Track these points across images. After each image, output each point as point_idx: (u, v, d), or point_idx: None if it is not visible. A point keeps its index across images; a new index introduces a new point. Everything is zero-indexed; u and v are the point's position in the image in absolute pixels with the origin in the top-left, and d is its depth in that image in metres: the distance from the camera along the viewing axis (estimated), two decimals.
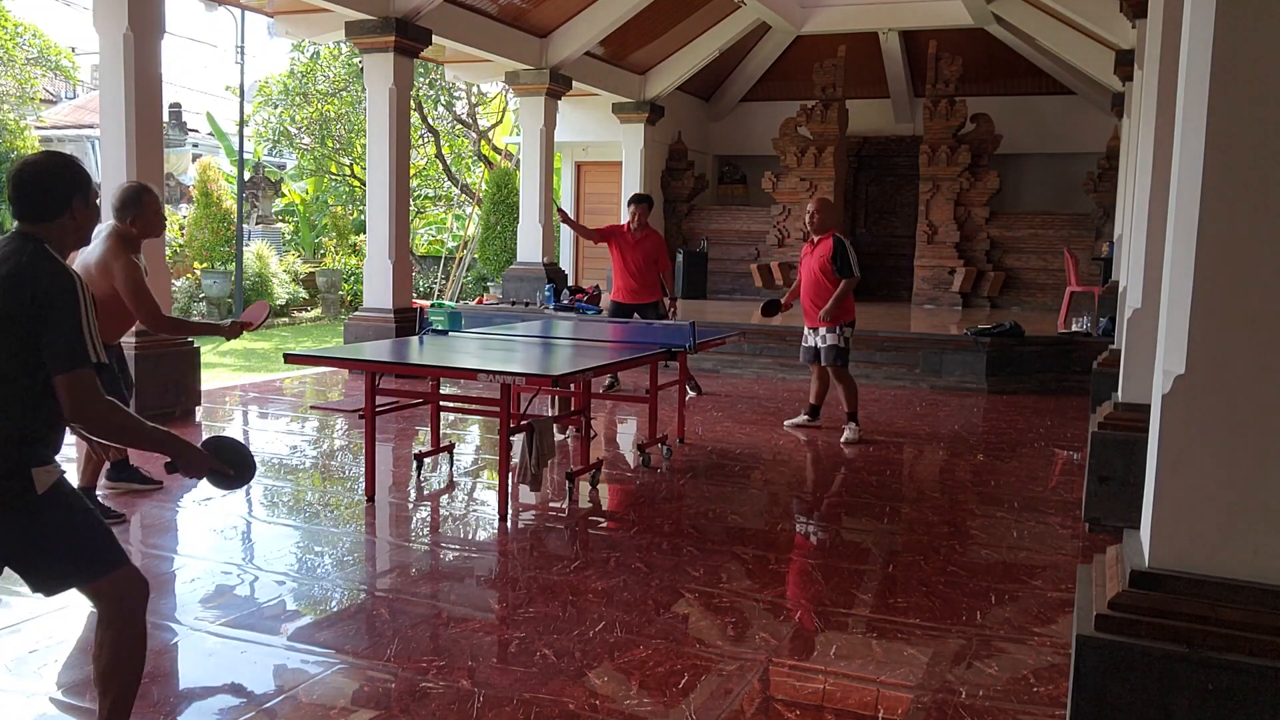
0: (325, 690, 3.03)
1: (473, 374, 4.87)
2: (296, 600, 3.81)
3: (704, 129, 16.55)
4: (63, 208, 2.36)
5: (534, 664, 3.17)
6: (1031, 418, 7.92)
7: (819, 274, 6.66)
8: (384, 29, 9.31)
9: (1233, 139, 2.19)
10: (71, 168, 2.40)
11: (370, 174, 9.96)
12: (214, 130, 22.35)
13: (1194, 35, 2.25)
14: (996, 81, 14.44)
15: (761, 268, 14.30)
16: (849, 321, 6.77)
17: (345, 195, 21.45)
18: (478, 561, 4.38)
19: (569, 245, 16.06)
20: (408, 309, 9.73)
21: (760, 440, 6.80)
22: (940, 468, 6.38)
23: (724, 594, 3.87)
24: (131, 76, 6.78)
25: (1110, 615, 2.28)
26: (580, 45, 12.08)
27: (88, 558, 2.36)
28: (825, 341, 6.71)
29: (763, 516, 5.10)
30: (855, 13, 13.33)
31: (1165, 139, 4.36)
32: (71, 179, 2.39)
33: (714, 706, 2.93)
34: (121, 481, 5.11)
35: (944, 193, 13.32)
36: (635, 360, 5.59)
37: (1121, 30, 9.35)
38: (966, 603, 3.80)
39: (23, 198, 2.34)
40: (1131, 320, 4.79)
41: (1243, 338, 2.21)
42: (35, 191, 2.35)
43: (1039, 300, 13.22)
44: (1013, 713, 2.90)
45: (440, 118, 21.00)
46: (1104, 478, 4.58)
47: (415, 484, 5.57)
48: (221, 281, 17.59)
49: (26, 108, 21.36)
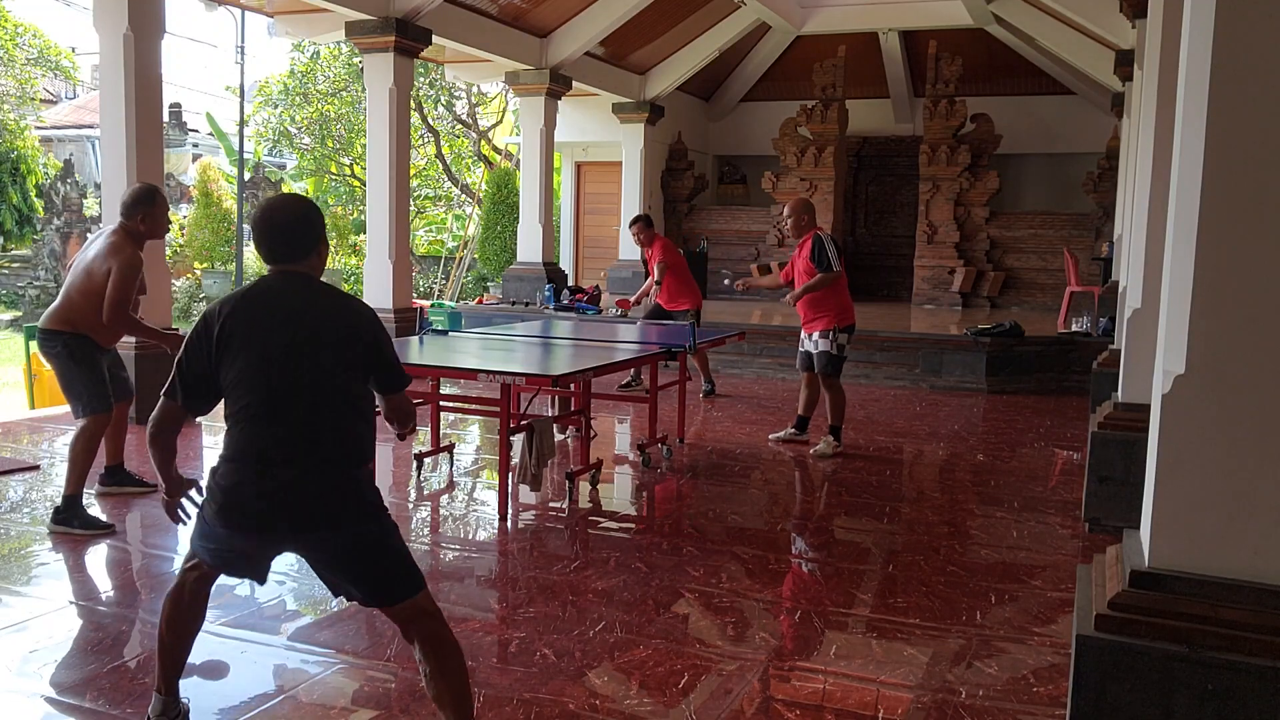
0: (325, 690, 3.03)
1: (473, 374, 4.87)
2: (296, 600, 3.81)
3: (704, 129, 16.55)
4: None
5: (534, 664, 3.17)
6: (1031, 418, 7.92)
7: (805, 276, 6.31)
8: (384, 29, 9.30)
9: (1233, 139, 2.19)
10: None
11: (370, 174, 9.96)
12: (214, 130, 22.37)
13: (1194, 35, 2.25)
14: (996, 81, 14.44)
15: (760, 268, 14.28)
16: (845, 326, 6.32)
17: (345, 195, 21.46)
18: (478, 561, 4.38)
19: (569, 245, 16.06)
20: (408, 309, 9.73)
21: (760, 440, 6.80)
22: (940, 468, 6.38)
23: (724, 594, 3.87)
24: (131, 76, 6.78)
25: (1110, 615, 2.28)
26: (580, 45, 12.08)
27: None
28: (818, 347, 6.30)
29: (763, 516, 5.10)
30: (855, 13, 13.33)
31: (1165, 139, 4.36)
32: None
33: (714, 706, 2.93)
34: (115, 486, 5.07)
35: (944, 193, 13.32)
36: (635, 360, 5.59)
37: (1121, 30, 9.34)
38: (966, 603, 3.80)
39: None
40: (1131, 320, 4.79)
41: (1243, 338, 2.21)
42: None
43: (1039, 300, 13.22)
44: (1013, 713, 2.90)
45: (440, 118, 21.00)
46: (1104, 478, 4.58)
47: (415, 484, 5.57)
48: (221, 281, 17.60)
49: (26, 108, 21.35)
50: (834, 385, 6.37)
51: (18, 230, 21.53)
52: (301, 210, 2.53)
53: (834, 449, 6.37)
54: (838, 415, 6.41)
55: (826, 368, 6.30)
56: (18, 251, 20.97)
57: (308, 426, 2.35)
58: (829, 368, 6.30)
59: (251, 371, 2.37)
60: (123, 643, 3.42)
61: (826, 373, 6.31)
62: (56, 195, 19.28)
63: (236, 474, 2.37)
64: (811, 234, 6.34)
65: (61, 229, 18.94)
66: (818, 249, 6.22)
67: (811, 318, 6.35)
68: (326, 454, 2.36)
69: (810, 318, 6.35)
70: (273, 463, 2.34)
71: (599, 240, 15.78)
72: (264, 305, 2.44)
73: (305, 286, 2.47)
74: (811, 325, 6.36)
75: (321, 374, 2.38)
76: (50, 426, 6.81)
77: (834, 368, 6.32)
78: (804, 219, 6.40)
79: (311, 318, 2.42)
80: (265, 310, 2.42)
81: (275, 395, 2.36)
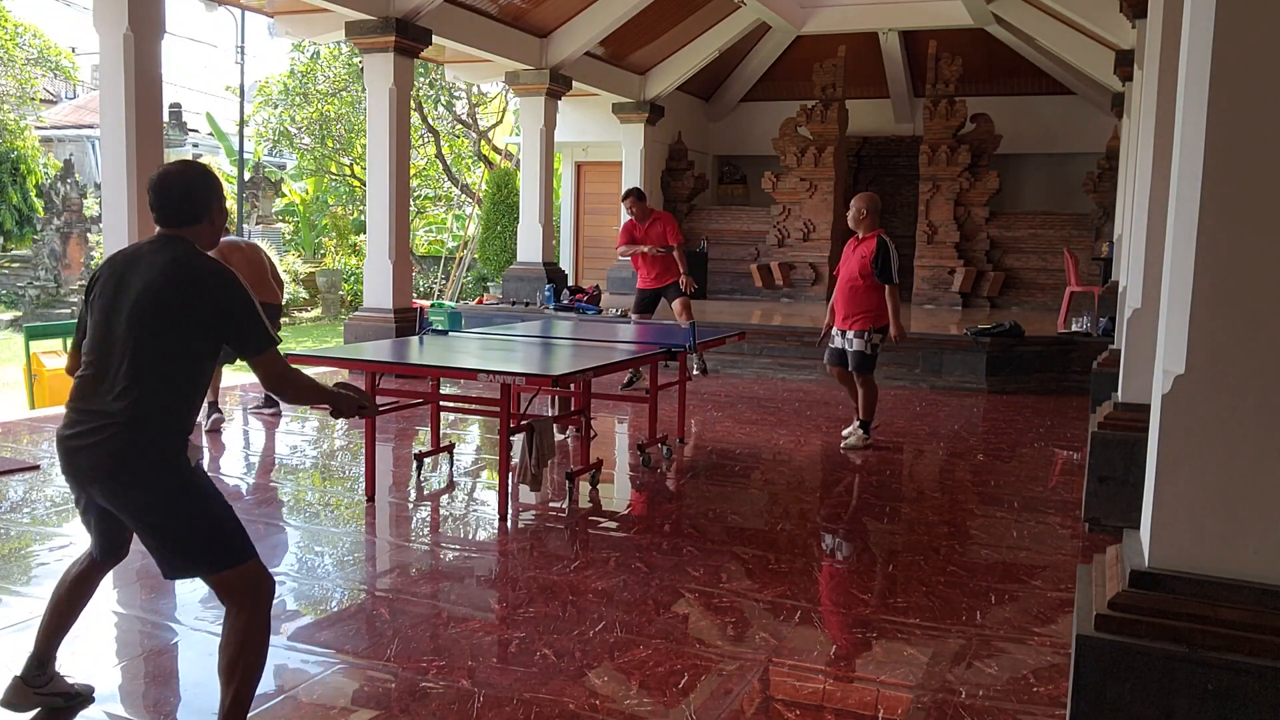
0: (325, 690, 3.03)
1: (473, 374, 4.88)
2: (296, 600, 3.81)
3: (704, 129, 16.55)
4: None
5: (534, 664, 3.17)
6: (1031, 418, 7.92)
7: (857, 274, 6.29)
8: (384, 29, 9.31)
9: (1233, 139, 2.19)
10: None
11: (370, 174, 9.96)
12: (214, 130, 22.37)
13: (1194, 35, 2.25)
14: (996, 81, 14.44)
15: (761, 268, 14.30)
16: (880, 327, 6.37)
17: (345, 195, 21.47)
18: (478, 561, 4.38)
19: (569, 245, 16.06)
20: (408, 309, 9.73)
21: (760, 440, 6.80)
22: (940, 468, 6.38)
23: (724, 594, 3.87)
24: (131, 76, 6.78)
25: (1110, 615, 2.28)
26: (580, 45, 12.08)
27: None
28: (852, 346, 6.37)
29: (763, 516, 5.09)
30: (855, 13, 13.34)
31: (1165, 139, 4.36)
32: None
33: (714, 706, 2.93)
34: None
35: (944, 193, 13.32)
36: (633, 360, 5.59)
37: (1121, 30, 9.34)
38: (966, 603, 3.80)
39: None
40: (1131, 320, 4.79)
41: (1243, 338, 2.20)
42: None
43: (1039, 300, 13.22)
44: (1013, 713, 2.90)
45: (440, 118, 21.00)
46: (1104, 478, 4.58)
47: (415, 484, 5.57)
48: None
49: (26, 108, 21.36)
50: (868, 381, 6.52)
51: (18, 230, 21.53)
52: (189, 178, 2.58)
53: (864, 442, 6.54)
54: (869, 410, 6.60)
55: (860, 365, 6.43)
56: (18, 251, 20.96)
57: (123, 385, 2.42)
58: (861, 366, 6.43)
59: (95, 327, 2.51)
60: (123, 643, 3.42)
61: (859, 370, 6.44)
62: (56, 195, 19.28)
63: (64, 421, 2.50)
64: (877, 235, 6.33)
65: (61, 229, 18.93)
66: (882, 255, 6.22)
67: (850, 314, 6.39)
68: (134, 414, 2.41)
69: (848, 314, 6.40)
70: (86, 414, 2.45)
71: (599, 240, 15.79)
72: (126, 265, 2.53)
73: (171, 250, 2.51)
74: (848, 323, 6.40)
75: (150, 336, 2.43)
76: (50, 426, 6.80)
77: (867, 366, 6.45)
78: (869, 215, 6.38)
79: (160, 280, 2.46)
80: (125, 269, 2.52)
81: (105, 351, 2.47)
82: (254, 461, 6.28)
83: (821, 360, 7.09)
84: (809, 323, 10.91)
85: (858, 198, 6.50)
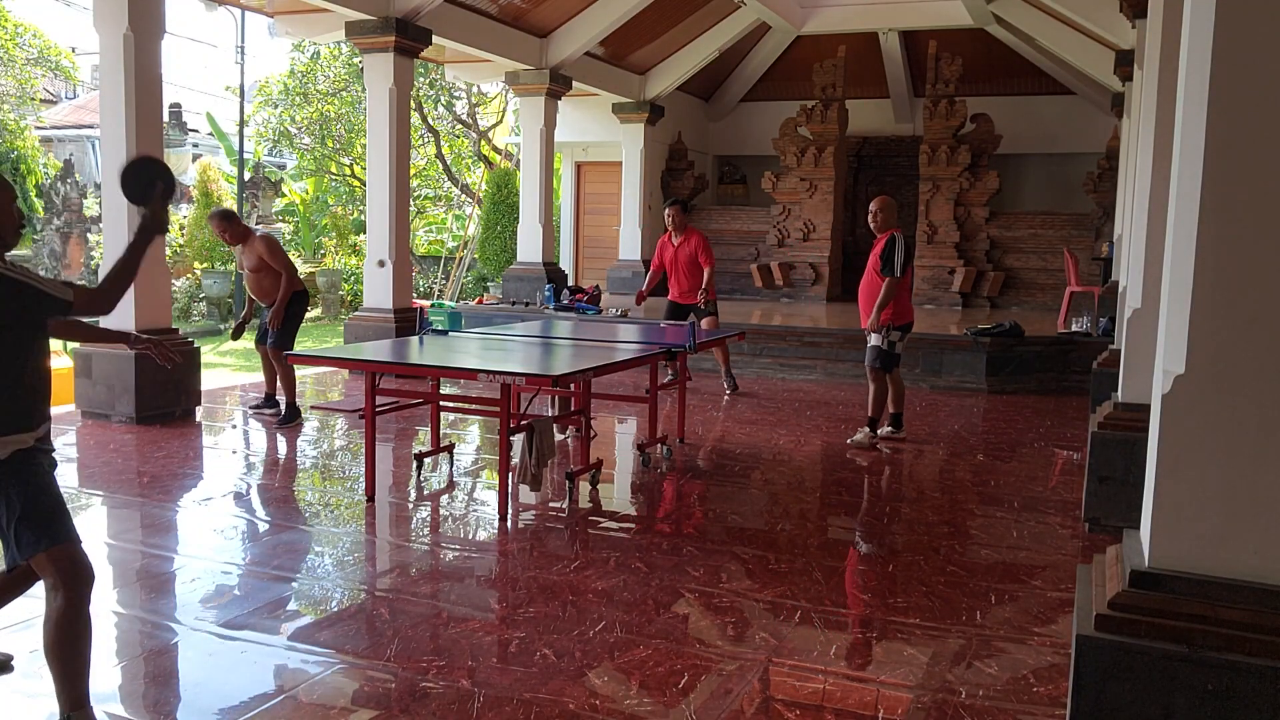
0: (325, 690, 3.03)
1: (473, 374, 4.87)
2: (296, 600, 3.81)
3: (704, 129, 16.55)
4: None
5: (534, 664, 3.17)
6: (1031, 418, 7.92)
7: (873, 273, 6.50)
8: (384, 29, 9.31)
9: (1233, 139, 2.19)
10: None
11: (370, 174, 9.96)
12: (214, 130, 22.36)
13: (1194, 35, 2.25)
14: (996, 81, 14.44)
15: (761, 268, 14.30)
16: (900, 325, 6.52)
17: (345, 195, 21.46)
18: (478, 561, 4.38)
19: (569, 245, 16.07)
20: (408, 309, 9.73)
21: (760, 440, 6.80)
22: (940, 468, 6.38)
23: (724, 594, 3.87)
24: (131, 76, 6.78)
25: (1110, 615, 2.28)
26: (580, 45, 12.08)
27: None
28: (870, 342, 6.57)
29: (763, 516, 5.10)
30: (855, 13, 13.33)
31: (1165, 139, 4.37)
32: None
33: (714, 706, 2.93)
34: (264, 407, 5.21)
35: (944, 193, 13.32)
36: (634, 361, 5.59)
37: (1121, 30, 9.35)
38: (966, 603, 3.80)
39: None
40: (1131, 320, 4.79)
41: (1243, 338, 2.21)
42: None
43: (1039, 300, 13.22)
44: (1013, 713, 2.90)
45: (440, 118, 20.99)
46: (1104, 478, 4.58)
47: (415, 484, 5.57)
48: (221, 281, 17.58)
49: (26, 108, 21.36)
50: (879, 378, 6.60)
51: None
52: None
53: (870, 440, 6.59)
54: (878, 408, 6.65)
55: (875, 361, 6.53)
56: (18, 251, 20.93)
57: None
58: (877, 362, 6.53)
59: None
60: (124, 643, 3.42)
61: (874, 366, 6.54)
62: (56, 195, 19.28)
63: None
64: (889, 233, 6.48)
65: (61, 229, 18.94)
66: (888, 249, 6.39)
67: (869, 313, 6.53)
68: None
69: (867, 313, 6.54)
70: None
71: (599, 240, 15.79)
72: None
73: None
74: (868, 321, 6.54)
75: None
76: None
77: (883, 362, 6.54)
78: (881, 215, 6.54)
79: None
80: None
81: None
82: (254, 461, 6.28)
83: (821, 360, 7.12)
84: (809, 323, 10.92)
85: (875, 201, 6.66)
